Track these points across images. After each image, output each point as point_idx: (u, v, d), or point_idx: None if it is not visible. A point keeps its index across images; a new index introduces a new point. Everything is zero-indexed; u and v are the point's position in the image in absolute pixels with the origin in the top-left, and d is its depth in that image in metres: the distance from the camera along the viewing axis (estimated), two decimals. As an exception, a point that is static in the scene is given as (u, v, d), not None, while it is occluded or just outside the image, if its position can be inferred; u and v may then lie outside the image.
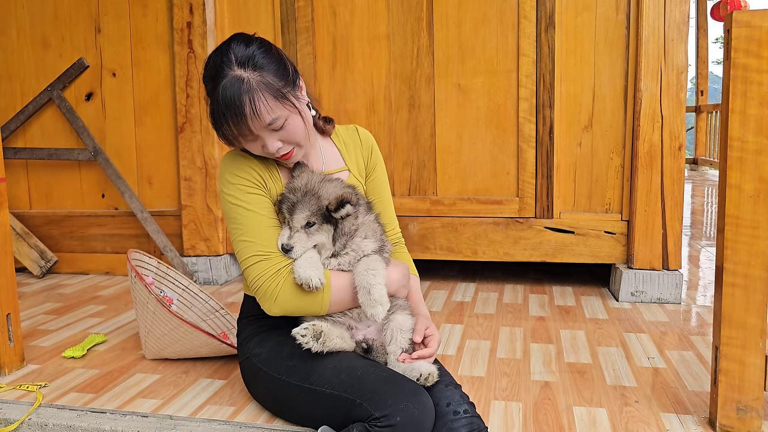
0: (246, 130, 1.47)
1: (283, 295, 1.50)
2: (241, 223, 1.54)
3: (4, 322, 2.01)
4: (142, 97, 3.24)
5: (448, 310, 2.66)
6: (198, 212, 3.16)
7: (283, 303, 1.50)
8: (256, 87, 1.44)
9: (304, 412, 1.53)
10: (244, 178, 1.56)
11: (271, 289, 1.50)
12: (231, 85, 1.44)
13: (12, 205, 3.44)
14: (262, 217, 1.54)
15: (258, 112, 1.44)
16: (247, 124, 1.45)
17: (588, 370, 2.00)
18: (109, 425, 1.67)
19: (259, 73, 1.46)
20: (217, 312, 2.36)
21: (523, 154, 2.85)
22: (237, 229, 1.55)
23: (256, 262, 1.52)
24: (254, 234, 1.53)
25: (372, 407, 1.33)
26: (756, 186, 1.53)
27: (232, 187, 1.56)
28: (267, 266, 1.51)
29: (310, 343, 1.47)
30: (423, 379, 1.45)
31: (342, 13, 2.97)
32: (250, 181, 1.56)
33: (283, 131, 1.50)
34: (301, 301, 1.50)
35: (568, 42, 2.78)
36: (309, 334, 1.47)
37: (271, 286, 1.50)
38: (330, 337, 1.49)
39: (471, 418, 1.40)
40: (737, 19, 1.51)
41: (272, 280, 1.50)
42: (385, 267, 1.54)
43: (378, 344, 1.55)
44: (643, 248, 2.72)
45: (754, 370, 1.56)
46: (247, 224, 1.53)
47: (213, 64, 1.50)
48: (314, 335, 1.47)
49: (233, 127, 1.47)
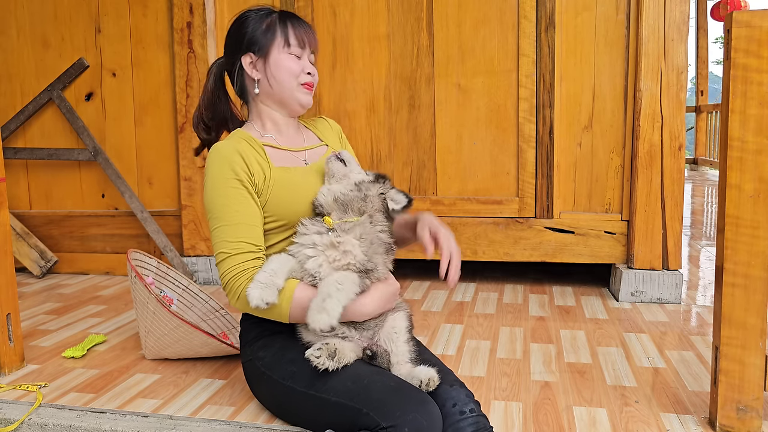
0: (301, 41, 1.66)
1: (243, 298, 1.49)
2: (217, 217, 1.56)
3: (4, 322, 2.01)
4: (142, 97, 3.24)
5: (448, 310, 2.66)
6: (198, 212, 3.16)
7: (243, 305, 1.52)
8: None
9: (309, 417, 1.52)
10: (228, 169, 1.57)
11: (235, 287, 1.52)
12: (288, 13, 1.70)
13: (12, 205, 3.44)
14: (236, 213, 1.55)
15: (313, 30, 1.71)
16: (306, 34, 1.66)
17: (588, 370, 2.00)
18: (109, 425, 1.67)
19: None
20: (217, 312, 2.36)
21: (523, 154, 2.85)
22: (213, 221, 1.57)
23: (226, 257, 1.53)
24: (228, 229, 1.55)
25: (379, 417, 1.32)
26: (756, 186, 1.53)
27: (215, 178, 1.58)
28: (234, 263, 1.52)
29: (326, 362, 1.43)
30: (424, 385, 1.43)
31: (342, 13, 2.97)
32: (233, 172, 1.57)
33: (314, 66, 1.72)
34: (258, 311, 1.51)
35: (568, 42, 2.78)
36: (324, 354, 1.44)
37: (235, 285, 1.52)
38: (344, 353, 1.46)
39: (477, 417, 1.40)
40: (737, 19, 1.51)
41: (237, 278, 1.51)
42: (357, 290, 1.47)
43: (382, 350, 1.54)
44: (643, 248, 2.72)
45: (754, 370, 1.56)
46: (222, 218, 1.55)
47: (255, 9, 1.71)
48: (329, 355, 1.44)
49: (294, 33, 1.65)
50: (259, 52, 1.65)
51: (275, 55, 1.64)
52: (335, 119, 2.99)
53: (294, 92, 1.67)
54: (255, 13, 1.67)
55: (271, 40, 1.64)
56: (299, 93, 1.67)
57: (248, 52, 1.66)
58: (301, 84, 1.67)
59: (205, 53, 3.04)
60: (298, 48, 1.65)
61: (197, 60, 3.06)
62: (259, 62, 1.66)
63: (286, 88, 1.66)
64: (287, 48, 1.64)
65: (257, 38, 1.64)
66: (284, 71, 1.65)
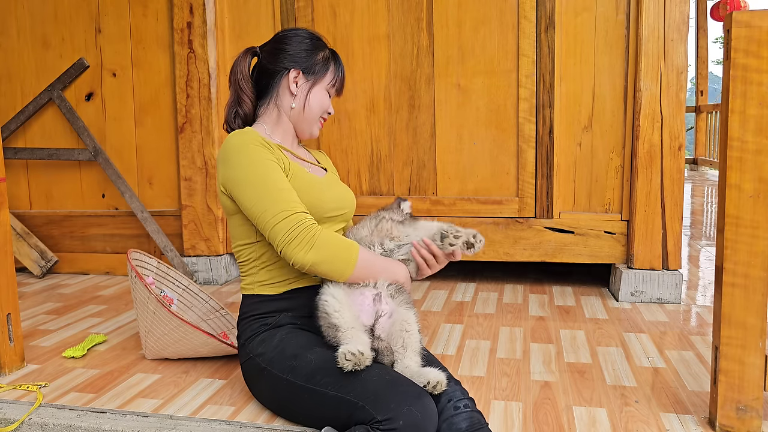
0: (341, 87, 1.83)
1: (321, 241, 1.54)
2: (264, 184, 1.57)
3: (5, 322, 2.01)
4: (143, 97, 3.24)
5: (448, 310, 2.66)
6: (198, 212, 3.16)
7: (320, 248, 1.54)
8: None
9: (307, 412, 1.53)
10: (260, 144, 1.62)
11: (310, 235, 1.54)
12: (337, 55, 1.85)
13: (12, 205, 3.45)
14: (282, 181, 1.60)
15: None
16: (342, 86, 1.84)
17: (588, 370, 2.00)
18: (109, 425, 1.67)
19: None
20: (218, 312, 2.36)
21: (523, 154, 2.86)
22: (260, 189, 1.57)
23: (293, 213, 1.55)
24: (278, 194, 1.57)
25: (374, 410, 1.33)
26: (756, 186, 1.53)
27: (249, 153, 1.59)
28: (304, 218, 1.56)
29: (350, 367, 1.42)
30: (431, 387, 1.43)
31: (342, 14, 2.98)
32: (265, 148, 1.62)
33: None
34: (336, 251, 1.56)
35: (568, 42, 2.78)
36: (353, 361, 1.41)
37: (309, 234, 1.54)
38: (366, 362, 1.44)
39: (471, 413, 1.41)
40: (737, 19, 1.51)
41: (310, 229, 1.55)
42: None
43: (384, 345, 1.54)
44: (643, 248, 2.72)
45: (754, 370, 1.56)
46: (271, 183, 1.57)
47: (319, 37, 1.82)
48: (356, 365, 1.42)
49: (340, 80, 1.82)
50: (309, 76, 1.75)
51: (320, 87, 1.77)
52: (335, 119, 3.01)
53: (312, 123, 1.79)
54: (318, 39, 1.79)
55: (324, 73, 1.77)
56: (315, 125, 1.81)
57: (300, 69, 1.74)
58: (320, 118, 1.80)
59: (205, 53, 3.05)
60: (336, 92, 1.82)
61: (197, 60, 3.06)
62: (302, 84, 1.75)
63: (309, 117, 1.78)
64: (331, 87, 1.79)
65: (315, 63, 1.75)
66: (317, 105, 1.77)
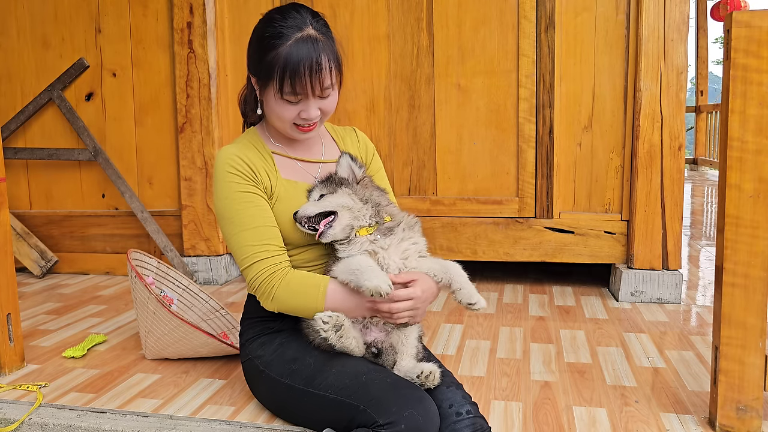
0: (302, 88, 1.48)
1: (279, 294, 1.51)
2: (234, 223, 1.54)
3: (5, 322, 2.01)
4: (143, 97, 3.24)
5: (448, 309, 2.66)
6: (198, 212, 3.16)
7: (279, 302, 1.52)
8: (328, 51, 1.50)
9: (307, 415, 1.53)
10: (238, 173, 1.55)
11: (268, 290, 1.51)
12: (307, 40, 1.47)
13: (12, 205, 3.44)
14: (252, 217, 1.54)
15: (323, 74, 1.48)
16: (309, 84, 1.47)
17: (588, 370, 2.00)
18: (109, 425, 1.67)
19: (329, 40, 1.52)
20: (218, 312, 2.36)
21: (522, 154, 2.85)
22: (229, 227, 1.55)
23: (254, 262, 1.52)
24: (248, 233, 1.53)
25: (376, 414, 1.33)
26: (756, 186, 1.53)
27: (226, 184, 1.55)
28: (264, 266, 1.52)
29: (329, 332, 1.44)
30: (423, 377, 1.44)
31: (342, 14, 2.97)
32: (244, 176, 1.55)
33: (326, 101, 1.54)
34: (297, 300, 1.51)
35: (568, 42, 2.78)
36: (330, 323, 1.44)
37: (268, 287, 1.51)
38: (347, 335, 1.47)
39: (474, 419, 1.40)
40: (737, 19, 1.51)
41: (270, 280, 1.51)
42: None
43: (387, 345, 1.54)
44: (643, 248, 2.72)
45: (754, 370, 1.56)
46: (240, 223, 1.53)
47: (283, 16, 1.50)
48: (335, 326, 1.45)
49: (290, 83, 1.47)
50: (260, 82, 1.55)
51: (269, 96, 1.53)
52: (335, 119, 2.97)
53: (287, 131, 1.58)
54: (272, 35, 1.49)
55: (267, 78, 1.50)
56: (292, 132, 1.58)
57: (254, 75, 1.57)
58: (295, 124, 1.56)
59: (205, 53, 3.04)
60: (293, 96, 1.50)
61: (197, 60, 3.06)
62: (260, 89, 1.57)
63: (280, 126, 1.58)
64: (281, 96, 1.50)
65: (260, 67, 1.51)
66: (274, 115, 1.56)
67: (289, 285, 1.51)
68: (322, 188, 1.58)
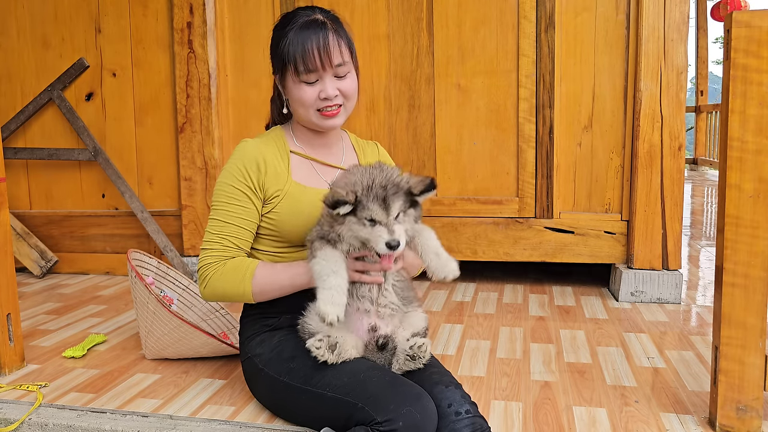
0: (313, 63, 1.54)
1: (211, 282, 1.58)
2: (216, 209, 1.62)
3: (5, 322, 2.01)
4: (143, 97, 3.24)
5: (448, 310, 2.66)
6: (198, 212, 3.16)
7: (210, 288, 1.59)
8: (335, 30, 1.58)
9: (305, 413, 1.53)
10: (242, 169, 1.61)
11: (204, 276, 1.59)
12: (313, 22, 1.57)
13: (12, 205, 3.44)
14: (231, 213, 1.61)
15: (330, 48, 1.55)
16: (319, 58, 1.54)
17: (588, 370, 2.00)
18: (109, 425, 1.67)
19: (337, 25, 1.62)
20: (217, 312, 2.36)
21: (523, 154, 2.85)
22: (212, 211, 1.63)
23: (206, 248, 1.61)
24: (218, 224, 1.61)
25: (374, 411, 1.33)
26: (756, 186, 1.53)
27: (226, 174, 1.63)
28: (210, 254, 1.60)
29: (326, 355, 1.45)
30: (416, 348, 1.47)
31: (342, 13, 2.91)
32: (245, 173, 1.61)
33: (344, 81, 1.60)
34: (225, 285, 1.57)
35: (568, 42, 2.78)
36: (324, 346, 1.46)
37: (205, 274, 1.59)
38: (345, 348, 1.47)
39: (473, 418, 1.40)
40: (737, 19, 1.51)
41: (208, 268, 1.59)
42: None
43: (392, 345, 1.54)
44: (643, 248, 2.72)
45: (754, 370, 1.56)
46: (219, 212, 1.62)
47: (293, 12, 1.62)
48: (329, 347, 1.46)
49: (302, 60, 1.54)
50: (280, 76, 1.65)
51: (289, 84, 1.62)
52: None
53: (312, 119, 1.62)
54: (281, 26, 1.61)
55: (284, 67, 1.59)
56: (317, 120, 1.62)
57: (276, 72, 1.67)
58: (318, 110, 1.60)
59: (205, 53, 3.04)
60: (310, 74, 1.56)
61: (197, 60, 3.06)
62: (282, 85, 1.66)
63: (304, 114, 1.63)
64: (297, 77, 1.57)
65: (277, 60, 1.62)
66: (297, 102, 1.61)
67: (223, 273, 1.57)
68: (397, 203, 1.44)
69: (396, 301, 1.56)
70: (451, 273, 1.47)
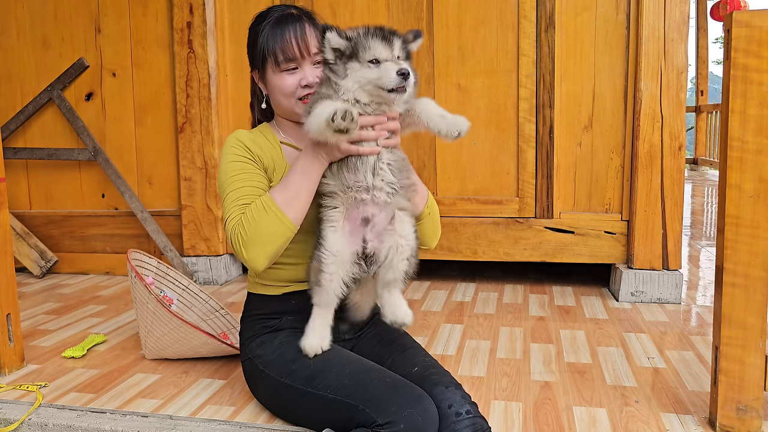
0: (293, 52, 1.57)
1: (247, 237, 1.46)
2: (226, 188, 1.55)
3: (4, 322, 2.01)
4: (142, 97, 3.24)
5: (448, 310, 2.66)
6: (198, 212, 3.16)
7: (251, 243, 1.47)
8: (310, 21, 1.62)
9: (306, 415, 1.53)
10: (240, 148, 1.59)
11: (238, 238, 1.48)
12: (288, 15, 1.61)
13: (12, 205, 3.44)
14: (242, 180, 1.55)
15: (307, 36, 1.59)
16: (297, 46, 1.57)
17: (588, 370, 2.00)
18: (109, 425, 1.67)
19: (312, 20, 1.64)
20: (217, 312, 2.36)
21: (523, 154, 2.85)
22: (222, 195, 1.58)
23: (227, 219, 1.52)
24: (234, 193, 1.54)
25: (375, 413, 1.33)
26: (756, 186, 1.53)
27: (226, 158, 1.59)
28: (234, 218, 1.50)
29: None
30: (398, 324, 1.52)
31: (342, 14, 2.97)
32: (246, 150, 1.59)
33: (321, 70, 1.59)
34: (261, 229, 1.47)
35: (568, 42, 2.78)
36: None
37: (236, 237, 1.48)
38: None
39: (474, 419, 1.40)
40: (737, 19, 1.51)
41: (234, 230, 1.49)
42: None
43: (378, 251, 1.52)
44: (643, 248, 2.72)
45: (754, 370, 1.56)
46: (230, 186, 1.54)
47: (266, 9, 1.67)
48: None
49: (281, 49, 1.57)
50: (260, 71, 1.65)
51: (270, 75, 1.62)
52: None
53: (294, 109, 1.61)
54: (259, 20, 1.64)
55: (263, 60, 1.61)
56: (300, 109, 1.59)
57: (255, 68, 1.67)
58: (300, 99, 1.60)
59: (205, 53, 3.04)
60: (290, 62, 1.58)
61: (197, 60, 3.06)
62: (262, 79, 1.66)
63: (284, 107, 1.63)
64: (277, 67, 1.59)
65: (255, 55, 1.63)
66: (278, 92, 1.61)
67: (250, 224, 1.47)
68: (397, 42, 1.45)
69: (392, 179, 1.50)
70: (464, 126, 1.48)
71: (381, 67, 1.41)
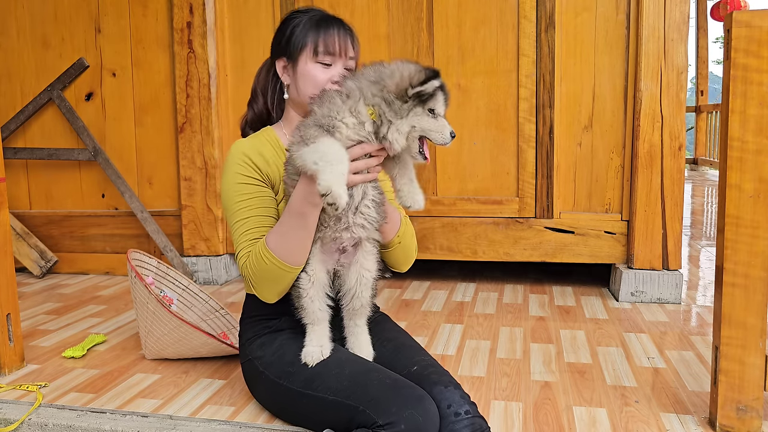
0: (334, 48, 1.59)
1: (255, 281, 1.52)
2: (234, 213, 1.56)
3: (4, 322, 2.01)
4: (142, 97, 3.24)
5: (448, 310, 2.66)
6: (198, 212, 3.16)
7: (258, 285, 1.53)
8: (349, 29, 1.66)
9: (306, 417, 1.53)
10: (244, 166, 1.57)
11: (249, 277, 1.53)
12: (329, 16, 1.64)
13: (12, 205, 3.44)
14: (249, 208, 1.55)
15: (349, 40, 1.62)
16: (338, 43, 1.59)
17: (588, 370, 2.00)
18: (109, 425, 1.67)
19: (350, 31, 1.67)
20: (217, 312, 2.36)
21: (523, 154, 2.85)
22: (229, 218, 1.57)
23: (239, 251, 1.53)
24: (244, 224, 1.54)
25: (376, 414, 1.33)
26: (756, 186, 1.53)
27: (230, 176, 1.58)
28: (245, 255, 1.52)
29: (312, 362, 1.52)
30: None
31: (342, 14, 2.95)
32: (251, 167, 1.57)
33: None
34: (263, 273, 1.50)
35: (568, 42, 2.78)
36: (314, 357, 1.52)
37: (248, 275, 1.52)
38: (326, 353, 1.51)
39: (473, 419, 1.39)
40: (737, 19, 1.51)
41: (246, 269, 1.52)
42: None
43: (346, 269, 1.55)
44: (643, 248, 2.72)
45: (754, 370, 1.56)
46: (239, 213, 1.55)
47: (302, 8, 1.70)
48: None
49: (324, 42, 1.58)
50: (290, 58, 1.62)
51: (302, 64, 1.60)
52: (335, 119, 2.97)
53: None
54: (297, 14, 1.65)
55: (301, 47, 1.59)
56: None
57: (282, 56, 1.64)
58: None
59: (205, 53, 3.04)
60: (328, 56, 1.58)
61: (197, 60, 3.06)
62: (289, 68, 1.63)
63: (307, 96, 1.59)
64: (315, 57, 1.58)
65: (290, 43, 1.61)
66: (309, 82, 1.59)
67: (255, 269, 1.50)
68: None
69: (375, 216, 1.50)
70: (419, 205, 1.50)
71: (439, 121, 1.41)
